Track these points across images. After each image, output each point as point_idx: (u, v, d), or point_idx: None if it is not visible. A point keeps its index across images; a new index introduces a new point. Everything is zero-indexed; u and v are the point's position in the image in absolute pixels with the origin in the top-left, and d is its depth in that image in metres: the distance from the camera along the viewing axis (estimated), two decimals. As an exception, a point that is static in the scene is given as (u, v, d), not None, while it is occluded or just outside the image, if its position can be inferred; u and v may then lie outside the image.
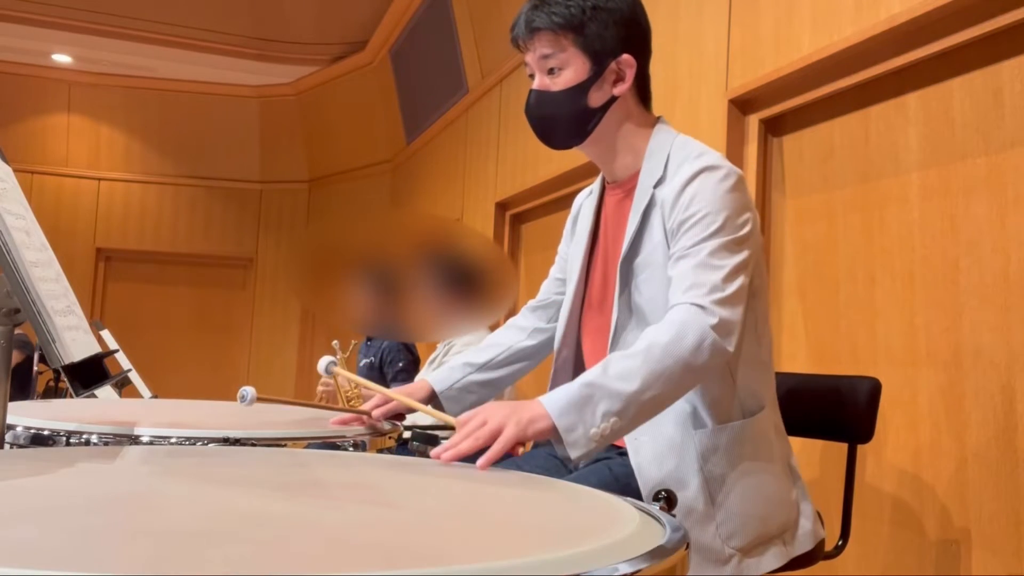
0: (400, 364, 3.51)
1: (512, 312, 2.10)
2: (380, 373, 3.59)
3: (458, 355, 1.79)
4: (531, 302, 1.84)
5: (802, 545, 1.50)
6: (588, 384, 1.29)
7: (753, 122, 2.54)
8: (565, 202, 4.09)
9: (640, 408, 1.31)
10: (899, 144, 2.10)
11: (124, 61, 7.21)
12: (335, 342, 3.40)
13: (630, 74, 1.55)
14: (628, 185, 1.60)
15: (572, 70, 1.53)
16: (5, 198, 1.20)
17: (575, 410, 1.27)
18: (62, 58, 7.35)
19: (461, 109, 5.35)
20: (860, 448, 1.74)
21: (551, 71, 1.54)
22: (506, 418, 1.23)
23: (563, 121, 1.56)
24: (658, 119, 1.61)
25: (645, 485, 1.44)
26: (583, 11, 1.50)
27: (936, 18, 1.91)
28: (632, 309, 1.54)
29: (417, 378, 3.14)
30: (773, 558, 1.45)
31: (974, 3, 1.83)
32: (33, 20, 6.38)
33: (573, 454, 1.26)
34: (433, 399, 1.70)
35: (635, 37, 1.56)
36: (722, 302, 1.38)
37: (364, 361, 3.64)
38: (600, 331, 1.61)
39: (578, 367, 1.66)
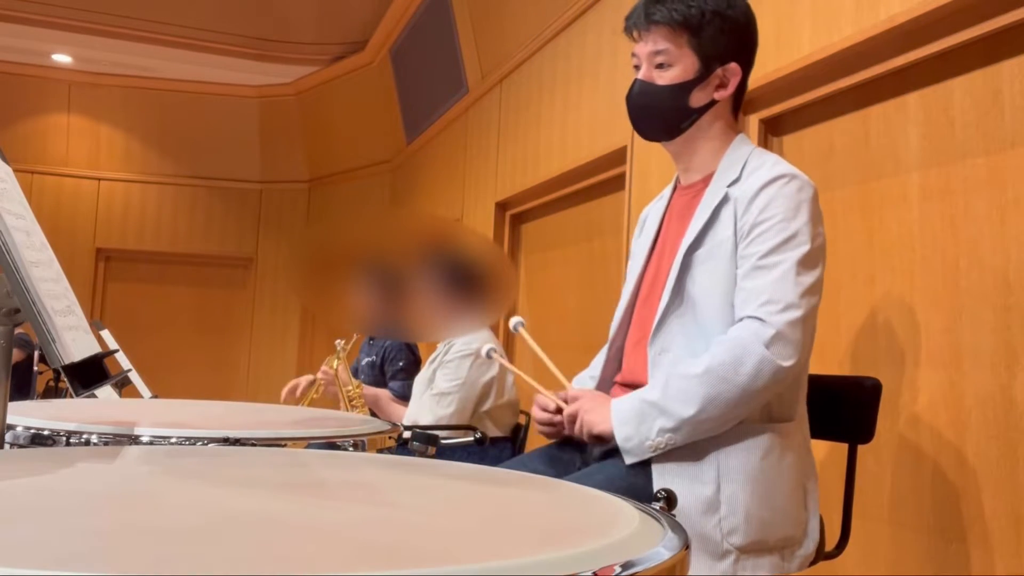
0: (400, 363, 3.51)
1: (512, 312, 2.10)
2: (381, 371, 3.60)
3: (583, 372, 1.82)
4: None
5: (797, 567, 1.50)
6: (649, 402, 1.43)
7: (753, 122, 2.54)
8: (565, 202, 4.09)
9: (695, 428, 1.42)
10: (899, 144, 2.10)
11: (124, 61, 7.21)
12: (339, 340, 3.40)
13: (734, 82, 1.59)
14: (701, 184, 1.63)
15: (680, 68, 1.56)
16: (5, 198, 1.20)
17: (634, 423, 1.43)
18: (62, 58, 7.35)
19: (461, 109, 5.35)
20: (860, 448, 1.74)
21: (660, 65, 1.57)
22: (585, 419, 1.50)
23: (661, 115, 1.60)
24: (741, 131, 1.66)
25: (659, 464, 1.46)
26: (703, 14, 1.54)
27: (936, 18, 1.91)
28: (684, 298, 1.55)
29: (416, 385, 3.13)
30: (768, 568, 1.45)
31: (974, 3, 1.83)
32: (33, 20, 6.38)
33: (628, 460, 1.43)
34: None
35: (745, 48, 1.61)
36: (793, 323, 1.42)
37: (366, 360, 3.64)
38: (643, 322, 1.64)
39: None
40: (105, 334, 3.26)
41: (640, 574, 0.64)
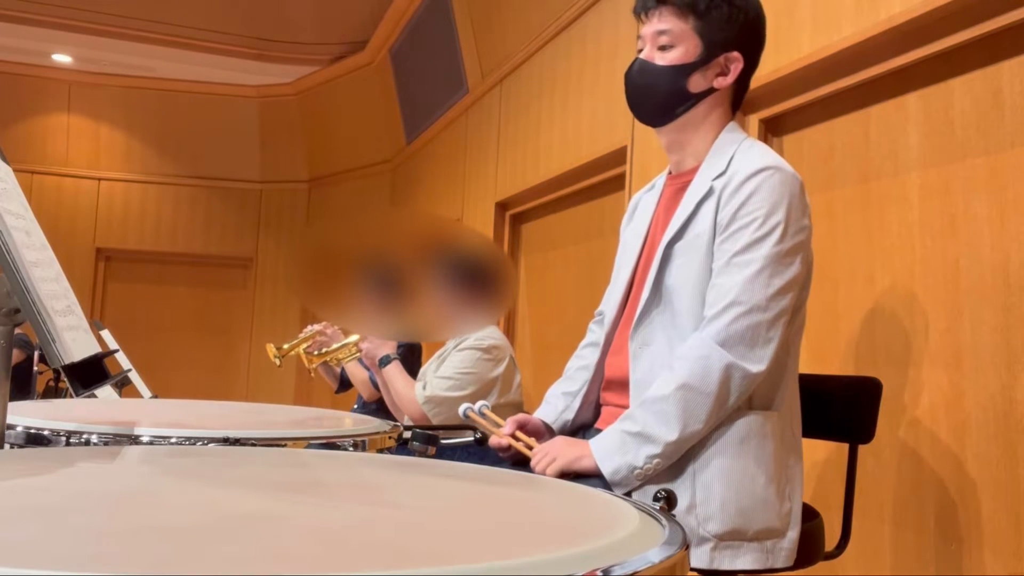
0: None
1: (512, 312, 2.10)
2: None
3: (552, 388, 1.80)
4: (596, 315, 1.85)
5: (784, 560, 1.46)
6: (630, 433, 1.41)
7: (753, 122, 2.54)
8: (565, 202, 4.09)
9: (679, 448, 1.42)
10: (899, 144, 2.10)
11: (124, 61, 7.21)
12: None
13: (735, 70, 1.58)
14: (690, 175, 1.62)
15: (682, 49, 1.56)
16: (5, 198, 1.20)
17: (618, 455, 1.41)
18: (62, 58, 7.35)
19: (461, 109, 5.35)
20: (860, 448, 1.74)
21: (662, 47, 1.57)
22: (562, 454, 1.44)
23: (658, 96, 1.59)
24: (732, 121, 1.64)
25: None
26: None
27: (936, 18, 1.91)
28: (661, 292, 1.56)
29: (421, 373, 3.13)
30: (750, 559, 1.43)
31: (974, 3, 1.83)
32: (33, 20, 6.38)
33: (619, 491, 1.37)
34: (550, 431, 1.72)
35: (751, 41, 1.60)
36: (756, 327, 1.41)
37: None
38: (629, 318, 1.63)
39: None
40: (105, 334, 3.26)
41: (640, 574, 0.64)
